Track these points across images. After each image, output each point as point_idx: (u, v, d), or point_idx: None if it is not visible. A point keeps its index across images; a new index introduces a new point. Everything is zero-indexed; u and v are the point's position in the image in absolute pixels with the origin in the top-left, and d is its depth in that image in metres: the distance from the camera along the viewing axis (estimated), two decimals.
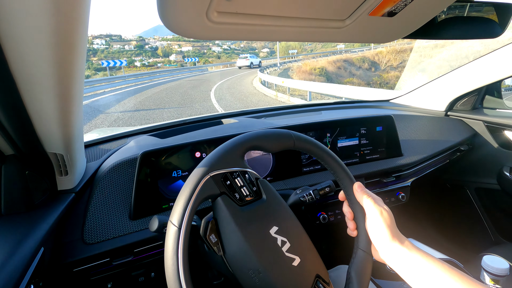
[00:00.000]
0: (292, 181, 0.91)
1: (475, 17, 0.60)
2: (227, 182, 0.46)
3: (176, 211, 0.40)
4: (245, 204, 0.47)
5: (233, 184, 0.47)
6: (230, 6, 0.35)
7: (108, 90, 13.19)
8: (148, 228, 0.49)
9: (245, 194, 0.48)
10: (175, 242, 0.38)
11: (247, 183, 0.48)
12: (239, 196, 0.47)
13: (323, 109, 1.36)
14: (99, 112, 7.44)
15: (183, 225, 0.39)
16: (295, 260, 0.47)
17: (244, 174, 0.48)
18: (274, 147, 0.50)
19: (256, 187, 0.49)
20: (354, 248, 0.50)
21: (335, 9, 0.41)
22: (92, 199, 0.71)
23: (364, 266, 0.48)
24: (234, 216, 0.45)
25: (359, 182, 0.51)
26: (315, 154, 0.52)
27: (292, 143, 0.51)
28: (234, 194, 0.46)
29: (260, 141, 0.49)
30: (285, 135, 0.51)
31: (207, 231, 0.45)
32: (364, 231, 0.48)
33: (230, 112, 1.29)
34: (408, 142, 1.14)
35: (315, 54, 30.88)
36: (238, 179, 0.47)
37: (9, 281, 0.42)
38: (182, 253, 0.38)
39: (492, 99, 1.27)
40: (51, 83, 0.43)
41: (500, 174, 1.19)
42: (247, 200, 0.48)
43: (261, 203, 0.48)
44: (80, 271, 0.64)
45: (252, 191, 0.49)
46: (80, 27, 0.39)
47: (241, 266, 0.45)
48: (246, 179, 0.48)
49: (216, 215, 0.46)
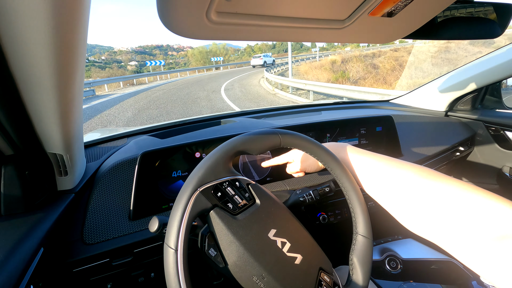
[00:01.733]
0: (291, 181, 0.91)
1: (475, 17, 0.60)
2: (218, 194, 0.45)
3: (170, 233, 0.40)
4: (240, 212, 0.46)
5: (225, 194, 0.46)
6: (230, 6, 0.35)
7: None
8: (148, 228, 0.48)
9: (237, 202, 0.47)
10: (174, 264, 0.38)
11: (239, 191, 0.47)
12: (232, 206, 0.46)
13: (323, 109, 1.36)
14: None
15: (179, 247, 0.39)
16: (297, 258, 0.47)
17: (234, 182, 0.47)
18: (261, 148, 0.49)
19: (248, 193, 0.48)
20: (353, 234, 0.50)
21: (335, 10, 0.41)
22: (92, 200, 0.71)
23: (365, 251, 0.48)
24: (230, 227, 0.44)
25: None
26: (304, 148, 0.52)
27: (279, 141, 0.50)
28: (227, 205, 0.46)
29: (245, 145, 0.48)
30: (270, 134, 0.50)
31: (205, 246, 0.45)
32: (361, 216, 0.50)
33: (230, 112, 1.29)
34: (408, 142, 1.14)
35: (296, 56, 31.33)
36: (228, 188, 0.46)
37: (9, 281, 0.42)
38: (183, 273, 0.38)
39: (492, 99, 1.27)
40: (51, 83, 0.43)
41: (500, 174, 1.19)
42: (241, 207, 0.47)
43: (255, 208, 0.48)
44: (80, 271, 0.64)
45: (244, 197, 0.48)
46: (80, 27, 0.39)
47: (244, 274, 0.44)
48: (237, 187, 0.47)
49: (211, 229, 0.45)
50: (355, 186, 0.50)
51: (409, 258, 0.85)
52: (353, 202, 0.50)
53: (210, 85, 14.09)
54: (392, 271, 0.82)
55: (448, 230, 0.37)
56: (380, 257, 0.86)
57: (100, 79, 15.86)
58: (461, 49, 13.56)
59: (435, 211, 0.39)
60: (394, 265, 0.83)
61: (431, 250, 0.88)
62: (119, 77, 18.11)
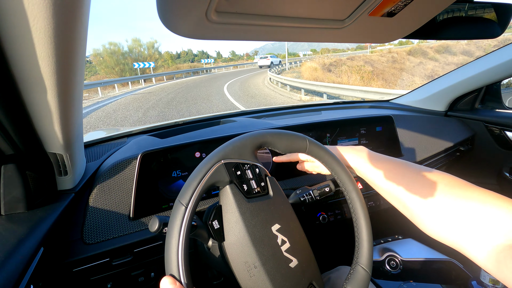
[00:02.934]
0: (292, 181, 0.91)
1: (475, 17, 0.60)
2: (238, 173, 0.47)
3: (185, 190, 0.41)
4: (252, 197, 0.48)
5: (243, 175, 0.48)
6: (230, 6, 0.35)
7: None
8: (148, 228, 0.49)
9: (253, 187, 0.48)
10: (180, 219, 0.39)
11: (257, 177, 0.49)
12: (247, 188, 0.48)
13: (323, 109, 1.36)
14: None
15: (189, 205, 0.40)
16: (293, 261, 0.47)
17: (254, 168, 0.49)
18: (286, 148, 0.51)
19: (264, 183, 0.50)
20: (353, 263, 0.49)
21: (335, 9, 0.41)
22: (91, 199, 0.71)
23: (361, 285, 0.47)
24: (239, 206, 0.46)
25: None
26: (326, 163, 0.53)
27: (305, 147, 0.52)
28: (242, 185, 0.47)
29: (274, 138, 0.50)
30: (300, 139, 0.52)
31: (211, 217, 0.46)
32: (365, 247, 0.48)
33: (230, 112, 1.30)
34: (408, 142, 1.14)
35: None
36: (248, 171, 0.48)
37: (9, 281, 0.42)
38: (185, 231, 0.39)
39: (492, 99, 1.27)
40: (51, 83, 0.43)
41: (500, 174, 1.19)
42: (254, 193, 0.48)
43: (267, 199, 0.49)
44: (80, 271, 0.64)
45: (260, 185, 0.49)
46: (80, 27, 0.39)
47: (238, 256, 0.45)
48: (256, 173, 0.49)
49: (222, 202, 0.47)
50: (366, 212, 0.50)
51: (409, 258, 0.85)
52: (361, 229, 0.50)
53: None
54: (392, 271, 0.83)
55: (478, 240, 0.36)
56: (380, 257, 0.86)
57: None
58: (407, 60, 14.95)
59: (462, 220, 0.38)
60: (394, 265, 0.83)
61: (431, 250, 0.88)
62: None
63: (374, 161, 0.55)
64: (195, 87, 13.71)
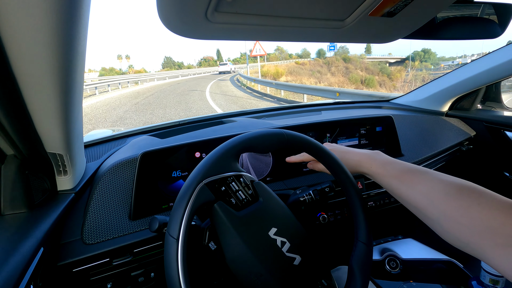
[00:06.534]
0: (292, 181, 0.91)
1: (475, 17, 0.60)
2: (222, 188, 0.46)
3: (172, 222, 0.40)
4: (242, 208, 0.47)
5: (228, 189, 0.46)
6: (230, 6, 0.35)
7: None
8: (148, 228, 0.48)
9: (241, 198, 0.47)
10: (174, 253, 0.38)
11: (243, 187, 0.48)
12: (235, 201, 0.46)
13: (323, 109, 1.36)
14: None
15: (180, 236, 0.39)
16: (296, 259, 0.47)
17: (238, 178, 0.48)
18: (268, 147, 0.50)
19: (252, 190, 0.49)
20: (354, 241, 0.50)
21: (335, 9, 0.41)
22: (91, 199, 0.71)
23: (365, 258, 0.48)
24: (232, 222, 0.44)
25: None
26: (310, 151, 0.52)
27: (284, 140, 0.50)
28: (230, 200, 0.46)
29: (251, 142, 0.48)
30: (277, 135, 0.50)
31: (206, 239, 0.45)
32: (363, 223, 0.49)
33: (230, 112, 1.30)
34: (408, 142, 1.14)
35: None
36: (233, 183, 0.47)
37: (9, 281, 0.42)
38: (182, 263, 0.38)
39: (492, 99, 1.27)
40: (51, 83, 0.43)
41: (500, 174, 1.19)
42: (244, 204, 0.47)
43: (258, 205, 0.48)
44: (80, 271, 0.64)
45: (248, 194, 0.48)
46: (80, 27, 0.39)
47: (242, 270, 0.44)
48: (241, 183, 0.48)
49: (213, 222, 0.46)
50: (358, 191, 0.50)
51: (409, 258, 0.85)
52: (355, 208, 0.50)
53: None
54: (392, 271, 0.82)
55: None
56: (380, 257, 0.86)
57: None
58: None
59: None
60: (394, 265, 0.83)
61: (431, 250, 0.88)
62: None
63: (390, 167, 0.52)
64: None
